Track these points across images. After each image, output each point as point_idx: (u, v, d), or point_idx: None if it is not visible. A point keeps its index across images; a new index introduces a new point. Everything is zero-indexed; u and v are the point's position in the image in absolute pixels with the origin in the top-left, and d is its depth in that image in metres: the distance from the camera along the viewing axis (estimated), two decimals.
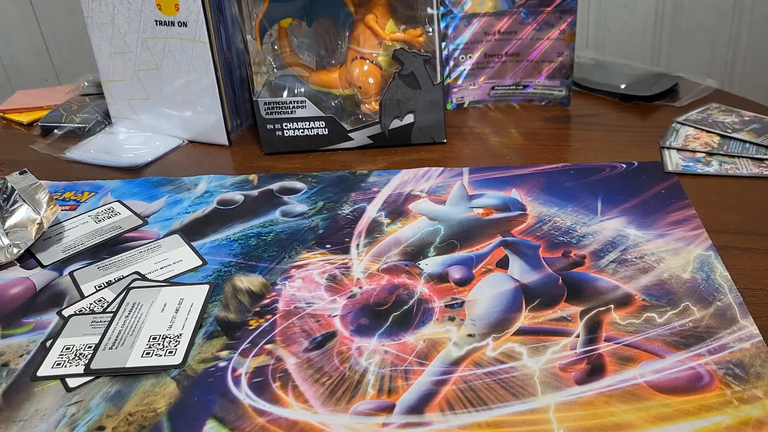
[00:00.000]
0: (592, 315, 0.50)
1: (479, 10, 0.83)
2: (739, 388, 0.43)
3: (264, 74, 0.80)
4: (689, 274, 0.54)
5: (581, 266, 0.56)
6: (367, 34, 0.76)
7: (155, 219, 0.68)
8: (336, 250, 0.60)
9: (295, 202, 0.69)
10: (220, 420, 0.44)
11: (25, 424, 0.45)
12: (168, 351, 0.50)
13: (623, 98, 0.87)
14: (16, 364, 0.50)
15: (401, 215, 0.65)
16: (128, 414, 0.45)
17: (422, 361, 0.47)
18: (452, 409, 0.43)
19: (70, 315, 0.54)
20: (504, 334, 0.49)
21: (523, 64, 0.85)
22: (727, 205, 0.63)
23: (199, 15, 0.76)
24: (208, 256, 0.61)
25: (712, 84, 0.88)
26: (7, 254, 0.62)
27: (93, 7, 0.82)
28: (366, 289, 0.55)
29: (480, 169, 0.72)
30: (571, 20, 0.81)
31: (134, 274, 0.59)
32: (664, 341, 0.47)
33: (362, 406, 0.44)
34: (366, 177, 0.73)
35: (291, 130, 0.79)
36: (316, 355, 0.49)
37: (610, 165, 0.71)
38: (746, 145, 0.72)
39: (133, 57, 0.82)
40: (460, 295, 0.53)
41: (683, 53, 1.14)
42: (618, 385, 0.44)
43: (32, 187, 0.65)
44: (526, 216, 0.63)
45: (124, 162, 0.81)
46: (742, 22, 1.10)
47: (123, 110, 0.88)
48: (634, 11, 1.12)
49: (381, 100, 0.76)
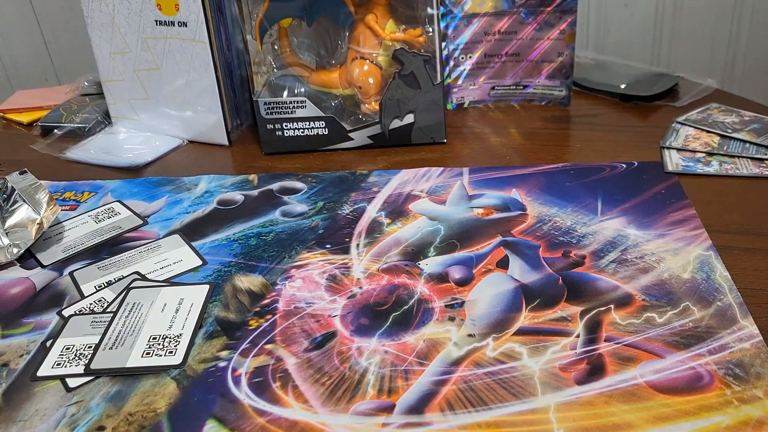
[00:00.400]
0: (592, 315, 0.50)
1: (479, 10, 0.83)
2: (739, 388, 0.43)
3: (264, 74, 0.80)
4: (689, 274, 0.54)
5: (581, 266, 0.56)
6: (367, 34, 0.76)
7: (155, 219, 0.68)
8: (336, 250, 0.60)
9: (295, 202, 0.69)
10: (220, 420, 0.44)
11: (25, 424, 0.45)
12: (168, 351, 0.50)
13: (623, 98, 0.87)
14: (16, 364, 0.50)
15: (401, 215, 0.65)
16: (128, 414, 0.45)
17: (422, 361, 0.47)
18: (452, 409, 0.43)
19: (70, 315, 0.54)
20: (504, 334, 0.49)
21: (523, 64, 0.85)
22: (727, 205, 0.63)
23: (199, 15, 0.76)
24: (208, 256, 0.61)
25: (712, 84, 0.88)
26: (7, 254, 0.62)
27: (93, 7, 0.82)
28: (366, 289, 0.55)
29: (480, 169, 0.72)
30: (571, 20, 0.81)
31: (134, 274, 0.59)
32: (664, 341, 0.47)
33: (362, 406, 0.44)
34: (366, 177, 0.73)
35: (291, 130, 0.79)
36: (316, 355, 0.49)
37: (610, 165, 0.71)
38: (746, 145, 0.72)
39: (133, 57, 0.82)
40: (460, 295, 0.53)
41: (683, 53, 1.14)
42: (618, 385, 0.44)
43: (32, 187, 0.65)
44: (526, 216, 0.63)
45: (124, 162, 0.81)
46: (742, 22, 1.10)
47: (123, 110, 0.88)
48: (634, 11, 1.12)
49: (381, 100, 0.76)
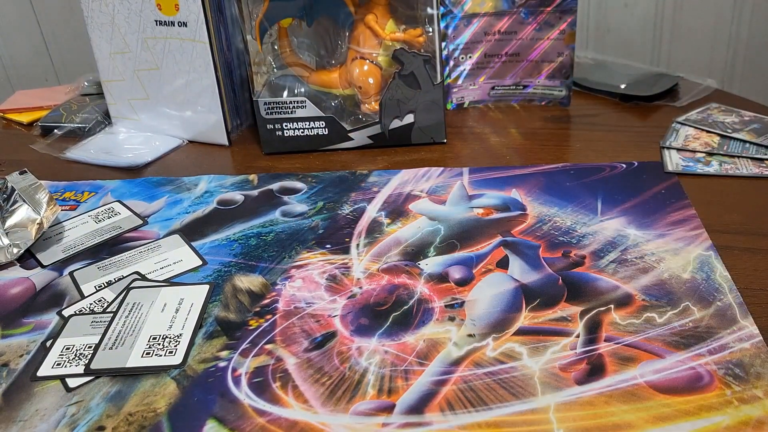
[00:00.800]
0: (592, 315, 0.50)
1: (479, 10, 0.83)
2: (739, 388, 0.43)
3: (264, 74, 0.80)
4: (689, 274, 0.54)
5: (581, 266, 0.56)
6: (367, 34, 0.76)
7: (155, 219, 0.68)
8: (336, 250, 0.60)
9: (295, 202, 0.69)
10: (220, 420, 0.44)
11: (25, 424, 0.45)
12: (168, 351, 0.50)
13: (623, 98, 0.87)
14: (16, 364, 0.50)
15: (401, 215, 0.65)
16: (128, 414, 0.45)
17: (422, 361, 0.47)
18: (452, 409, 0.43)
19: (70, 315, 0.54)
20: (504, 334, 0.49)
21: (523, 64, 0.85)
22: (727, 205, 0.63)
23: (199, 15, 0.76)
24: (208, 256, 0.61)
25: (712, 84, 0.88)
26: (7, 254, 0.62)
27: (93, 7, 0.82)
28: (366, 289, 0.55)
29: (480, 169, 0.72)
30: (571, 20, 0.81)
31: (134, 274, 0.59)
32: (664, 341, 0.47)
33: (362, 406, 0.44)
34: (366, 177, 0.73)
35: (291, 130, 0.79)
36: (316, 355, 0.49)
37: (610, 165, 0.71)
38: (746, 145, 0.72)
39: (133, 57, 0.82)
40: (460, 295, 0.53)
41: (683, 53, 1.14)
42: (618, 385, 0.44)
43: (32, 187, 0.65)
44: (526, 216, 0.63)
45: (124, 162, 0.81)
46: (742, 22, 1.10)
47: (123, 110, 0.88)
48: (634, 11, 1.12)
49: (381, 100, 0.76)
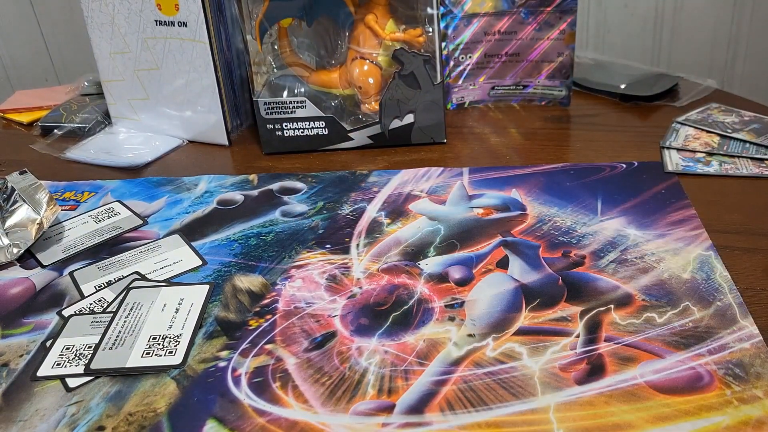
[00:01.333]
0: (592, 315, 0.50)
1: (479, 10, 0.83)
2: (739, 388, 0.43)
3: (264, 74, 0.80)
4: (689, 274, 0.54)
5: (581, 266, 0.56)
6: (367, 34, 0.76)
7: (155, 219, 0.68)
8: (336, 250, 0.60)
9: (295, 202, 0.69)
10: (220, 420, 0.44)
11: (25, 424, 0.45)
12: (168, 351, 0.50)
13: (623, 98, 0.87)
14: (16, 364, 0.50)
15: (401, 215, 0.65)
16: (128, 414, 0.45)
17: (422, 361, 0.47)
18: (452, 409, 0.43)
19: (70, 315, 0.54)
20: (504, 334, 0.49)
21: (523, 64, 0.85)
22: (727, 205, 0.63)
23: (199, 15, 0.76)
24: (208, 256, 0.61)
25: (712, 84, 0.88)
26: (7, 254, 0.62)
27: (93, 7, 0.82)
28: (366, 289, 0.55)
29: (480, 169, 0.72)
30: (571, 20, 0.81)
31: (134, 274, 0.59)
32: (664, 341, 0.47)
33: (362, 406, 0.44)
34: (366, 177, 0.73)
35: (291, 130, 0.79)
36: (316, 355, 0.49)
37: (610, 165, 0.71)
38: (746, 145, 0.72)
39: (133, 57, 0.82)
40: (460, 295, 0.53)
41: (683, 53, 1.14)
42: (618, 385, 0.44)
43: (32, 187, 0.65)
44: (526, 216, 0.63)
45: (124, 162, 0.81)
46: (742, 22, 1.10)
47: (123, 110, 0.88)
48: (634, 11, 1.12)
49: (381, 100, 0.76)
